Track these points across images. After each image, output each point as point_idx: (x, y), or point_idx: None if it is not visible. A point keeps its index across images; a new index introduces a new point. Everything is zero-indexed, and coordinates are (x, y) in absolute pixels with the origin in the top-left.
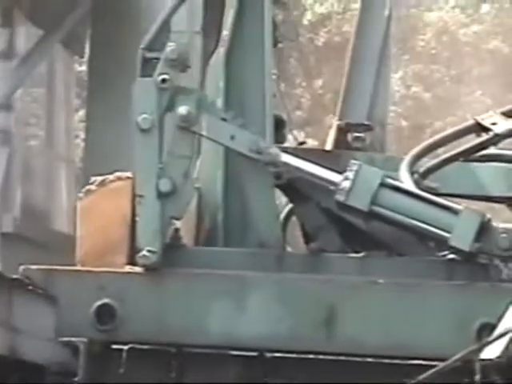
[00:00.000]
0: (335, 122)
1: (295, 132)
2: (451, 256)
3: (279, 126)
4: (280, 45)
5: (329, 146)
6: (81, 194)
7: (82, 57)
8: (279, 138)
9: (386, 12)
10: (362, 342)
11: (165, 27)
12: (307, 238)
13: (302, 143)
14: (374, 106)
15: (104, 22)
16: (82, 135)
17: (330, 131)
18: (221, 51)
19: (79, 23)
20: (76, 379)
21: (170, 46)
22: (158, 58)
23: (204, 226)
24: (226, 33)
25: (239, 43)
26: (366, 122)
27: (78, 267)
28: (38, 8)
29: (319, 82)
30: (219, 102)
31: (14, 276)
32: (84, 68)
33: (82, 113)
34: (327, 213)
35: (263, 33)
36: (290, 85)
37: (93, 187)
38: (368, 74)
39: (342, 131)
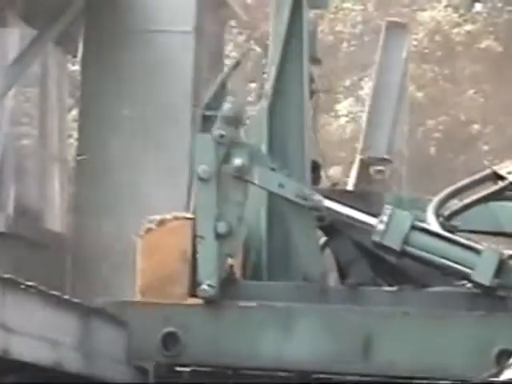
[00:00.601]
0: (358, 157)
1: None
2: (473, 289)
3: (315, 169)
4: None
5: (352, 179)
6: (141, 232)
7: (75, 56)
8: (315, 179)
9: (404, 54)
10: (395, 365)
11: (222, 89)
12: (341, 271)
13: (335, 184)
14: (393, 141)
15: (97, 21)
16: (75, 134)
17: (353, 165)
18: (263, 104)
19: (72, 22)
20: None
21: (227, 106)
22: (215, 116)
23: (250, 260)
24: (267, 87)
25: (281, 97)
26: (386, 157)
27: (147, 299)
28: (31, 7)
29: None
30: (263, 150)
31: (7, 275)
32: (77, 67)
33: (75, 112)
34: (360, 248)
35: (302, 87)
36: None
37: (153, 226)
38: (387, 112)
39: (364, 165)
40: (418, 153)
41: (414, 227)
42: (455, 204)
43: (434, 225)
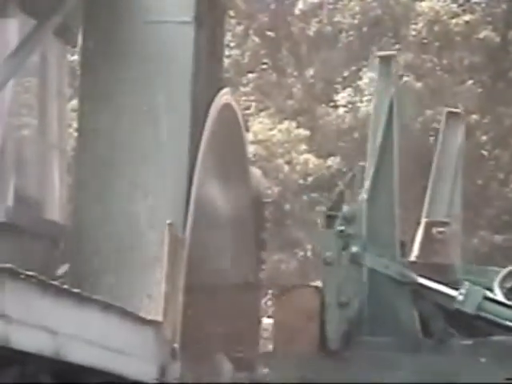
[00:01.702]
0: (423, 219)
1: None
2: None
3: (402, 246)
4: (271, 33)
5: (419, 239)
6: (276, 295)
7: (74, 46)
8: (403, 254)
9: (460, 138)
10: None
11: (341, 195)
12: (424, 325)
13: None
14: (451, 206)
15: (96, 11)
16: (75, 125)
17: (419, 227)
18: (363, 198)
19: (72, 13)
20: None
21: (346, 208)
22: (336, 216)
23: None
24: (366, 185)
25: (377, 193)
26: (446, 220)
27: (285, 351)
28: None
29: (310, 72)
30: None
31: (7, 265)
32: (76, 58)
33: (74, 102)
34: (440, 308)
35: (393, 184)
36: (281, 74)
37: (285, 291)
38: (447, 182)
39: (428, 226)
40: (417, 143)
41: (485, 298)
42: None
43: (499, 295)
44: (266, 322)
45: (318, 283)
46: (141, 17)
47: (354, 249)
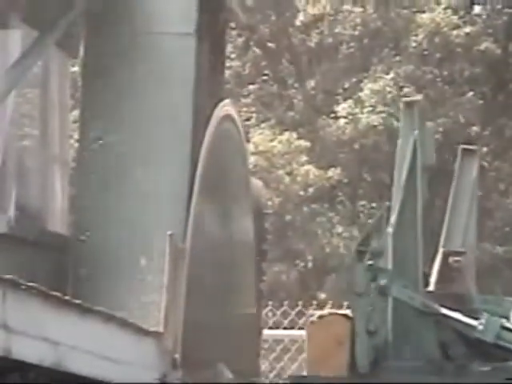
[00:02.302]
0: (441, 249)
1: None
2: None
3: (425, 276)
4: (272, 45)
5: (436, 268)
6: (309, 322)
7: (76, 57)
8: (425, 283)
9: (475, 173)
10: None
11: (370, 233)
12: (444, 351)
13: (437, 287)
14: (466, 236)
15: (98, 23)
16: (76, 135)
17: (437, 257)
18: (389, 233)
19: (74, 24)
20: None
21: (374, 243)
22: (366, 251)
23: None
24: (392, 220)
25: (402, 228)
26: (461, 250)
27: (320, 374)
28: (33, 9)
29: (311, 83)
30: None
31: (8, 276)
32: (77, 69)
33: (75, 113)
34: (460, 335)
35: (416, 219)
36: (282, 86)
37: (315, 319)
38: (462, 213)
39: (445, 255)
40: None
41: (502, 327)
42: None
43: None
44: (267, 333)
45: (348, 312)
46: (142, 28)
47: (382, 281)
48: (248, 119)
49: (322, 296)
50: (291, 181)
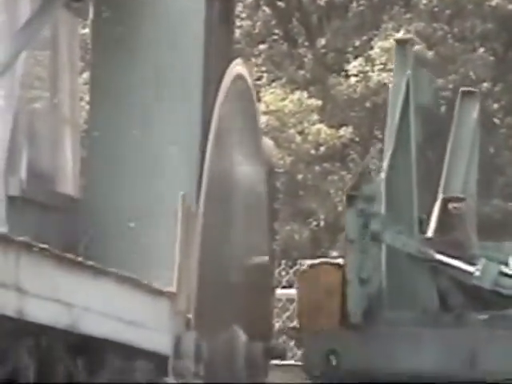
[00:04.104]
0: (440, 195)
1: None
2: None
3: (421, 223)
4: (282, 4)
5: (436, 214)
6: (300, 271)
7: (85, 19)
8: (421, 230)
9: (475, 114)
10: (493, 372)
11: (361, 177)
12: (442, 299)
13: (436, 234)
14: (467, 182)
15: None
16: (87, 98)
17: (436, 203)
18: (381, 178)
19: None
20: None
21: (366, 188)
22: (357, 196)
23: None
24: (385, 164)
25: (395, 172)
26: (461, 196)
27: (314, 327)
28: None
29: (322, 42)
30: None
31: (21, 238)
32: (87, 31)
33: (86, 75)
34: (457, 283)
35: (411, 163)
36: (292, 44)
37: (305, 269)
38: (462, 159)
39: (444, 202)
40: (428, 111)
41: (501, 273)
42: None
43: None
44: (280, 292)
45: (340, 260)
46: None
47: (374, 227)
48: (259, 78)
49: (335, 254)
50: (302, 140)
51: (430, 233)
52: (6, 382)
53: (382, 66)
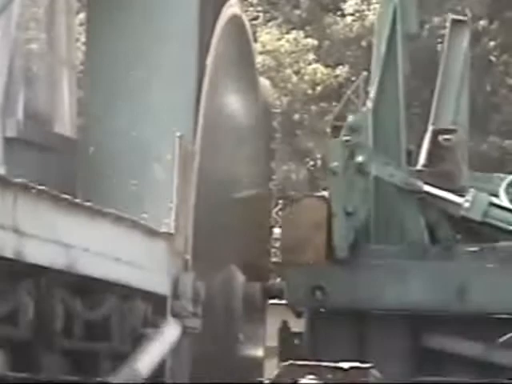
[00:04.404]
0: (430, 127)
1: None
2: None
3: (409, 155)
4: None
5: (426, 146)
6: (282, 206)
7: None
8: (409, 162)
9: (465, 44)
10: (482, 305)
11: (347, 107)
12: (430, 232)
13: (425, 165)
14: (458, 114)
15: None
16: (83, 38)
17: (426, 135)
18: (368, 108)
19: None
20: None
21: (351, 118)
22: (342, 126)
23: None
24: (372, 94)
25: (382, 102)
26: (452, 127)
27: (297, 261)
28: None
29: None
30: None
31: (19, 180)
32: None
33: (82, 16)
34: (445, 215)
35: (398, 93)
36: None
37: (290, 203)
38: (453, 90)
39: (434, 134)
40: (425, 49)
41: (490, 204)
42: None
43: (505, 201)
44: (277, 231)
45: (326, 193)
46: None
47: (360, 158)
48: (255, 18)
49: None
50: (299, 79)
51: (419, 165)
52: (7, 321)
53: (378, 5)
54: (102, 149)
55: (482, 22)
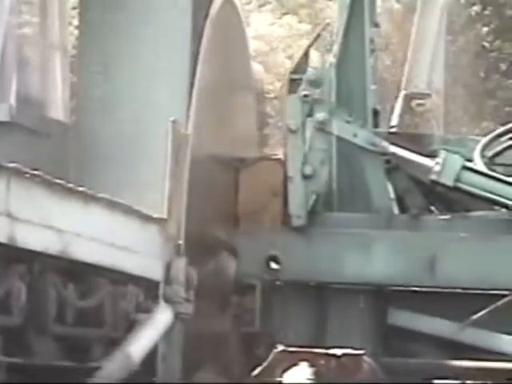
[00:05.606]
0: (402, 92)
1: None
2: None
3: (376, 115)
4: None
5: (397, 112)
6: (241, 167)
7: None
8: (376, 123)
9: (441, 3)
10: (454, 279)
11: (306, 57)
12: (399, 200)
13: (392, 127)
14: (432, 79)
15: None
16: (75, 22)
17: (397, 99)
18: (331, 62)
19: None
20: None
21: (310, 71)
22: (300, 79)
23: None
24: (335, 48)
25: (347, 56)
26: (426, 91)
27: (254, 229)
28: None
29: None
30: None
31: (12, 164)
32: None
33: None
34: (415, 181)
35: (364, 47)
36: None
37: (250, 162)
38: (427, 52)
39: (407, 99)
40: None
41: (464, 167)
42: (497, 146)
43: (479, 165)
44: None
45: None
46: None
47: (320, 115)
48: (248, 3)
49: None
50: (292, 65)
51: (390, 129)
52: None
53: None
54: (95, 133)
55: (476, 8)
